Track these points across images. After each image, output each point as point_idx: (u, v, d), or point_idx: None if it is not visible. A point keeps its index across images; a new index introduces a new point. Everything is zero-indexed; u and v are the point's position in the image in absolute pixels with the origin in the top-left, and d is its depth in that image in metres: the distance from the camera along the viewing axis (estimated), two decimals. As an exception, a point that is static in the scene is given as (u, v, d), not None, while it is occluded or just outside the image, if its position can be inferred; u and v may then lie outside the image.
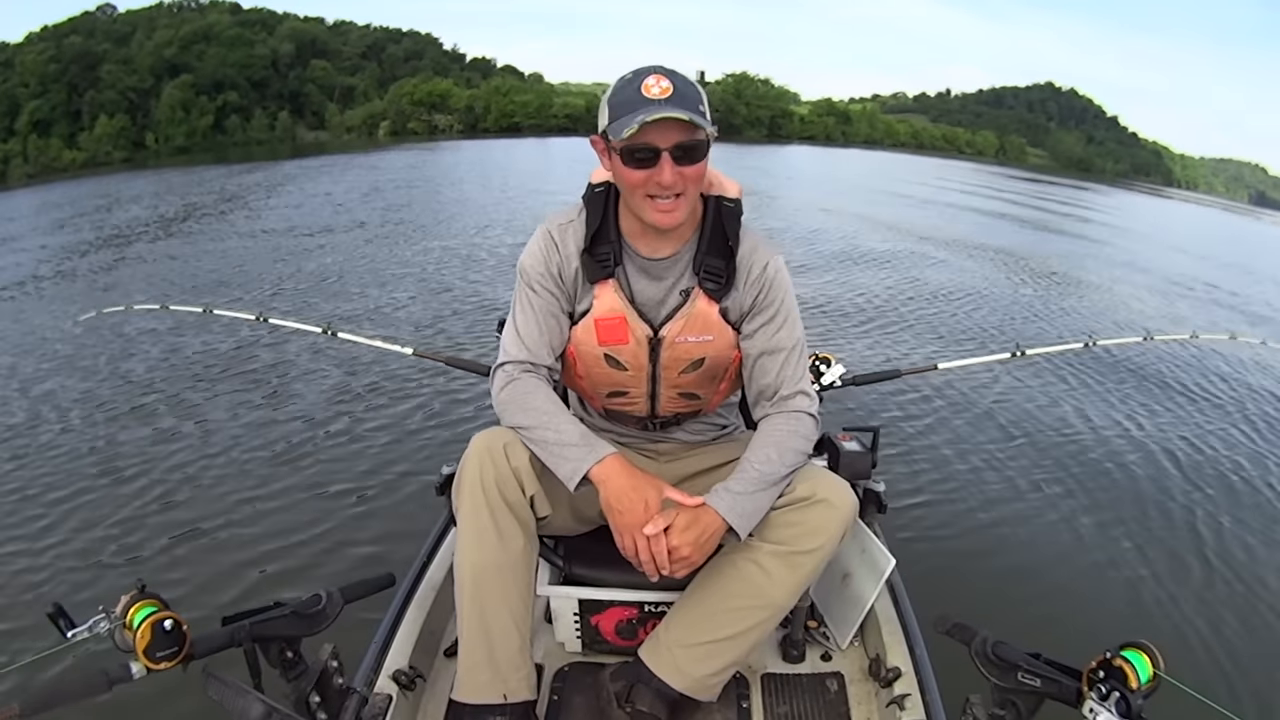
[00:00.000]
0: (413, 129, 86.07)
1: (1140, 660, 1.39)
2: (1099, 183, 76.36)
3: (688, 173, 1.62)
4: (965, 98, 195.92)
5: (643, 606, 2.04)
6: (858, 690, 2.10)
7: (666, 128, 1.55)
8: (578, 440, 1.69)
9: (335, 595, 1.66)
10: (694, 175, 1.64)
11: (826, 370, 2.86)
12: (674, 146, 1.58)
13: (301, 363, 6.78)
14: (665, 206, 1.64)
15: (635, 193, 1.66)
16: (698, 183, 1.68)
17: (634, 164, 1.61)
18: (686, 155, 1.60)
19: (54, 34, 75.54)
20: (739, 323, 1.85)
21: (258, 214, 17.49)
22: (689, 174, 1.62)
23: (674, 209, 1.65)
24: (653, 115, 1.52)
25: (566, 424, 1.72)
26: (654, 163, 1.59)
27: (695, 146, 1.60)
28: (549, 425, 1.71)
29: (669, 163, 1.58)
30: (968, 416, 5.91)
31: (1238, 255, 22.22)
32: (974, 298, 10.40)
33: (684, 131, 1.57)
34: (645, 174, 1.61)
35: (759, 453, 1.75)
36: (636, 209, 1.69)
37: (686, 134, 1.57)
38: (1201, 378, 7.35)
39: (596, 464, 1.66)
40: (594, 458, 1.66)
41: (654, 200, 1.64)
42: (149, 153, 67.65)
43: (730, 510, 1.66)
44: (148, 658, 1.36)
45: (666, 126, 1.55)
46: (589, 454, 1.67)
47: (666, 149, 1.57)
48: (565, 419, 1.73)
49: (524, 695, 1.76)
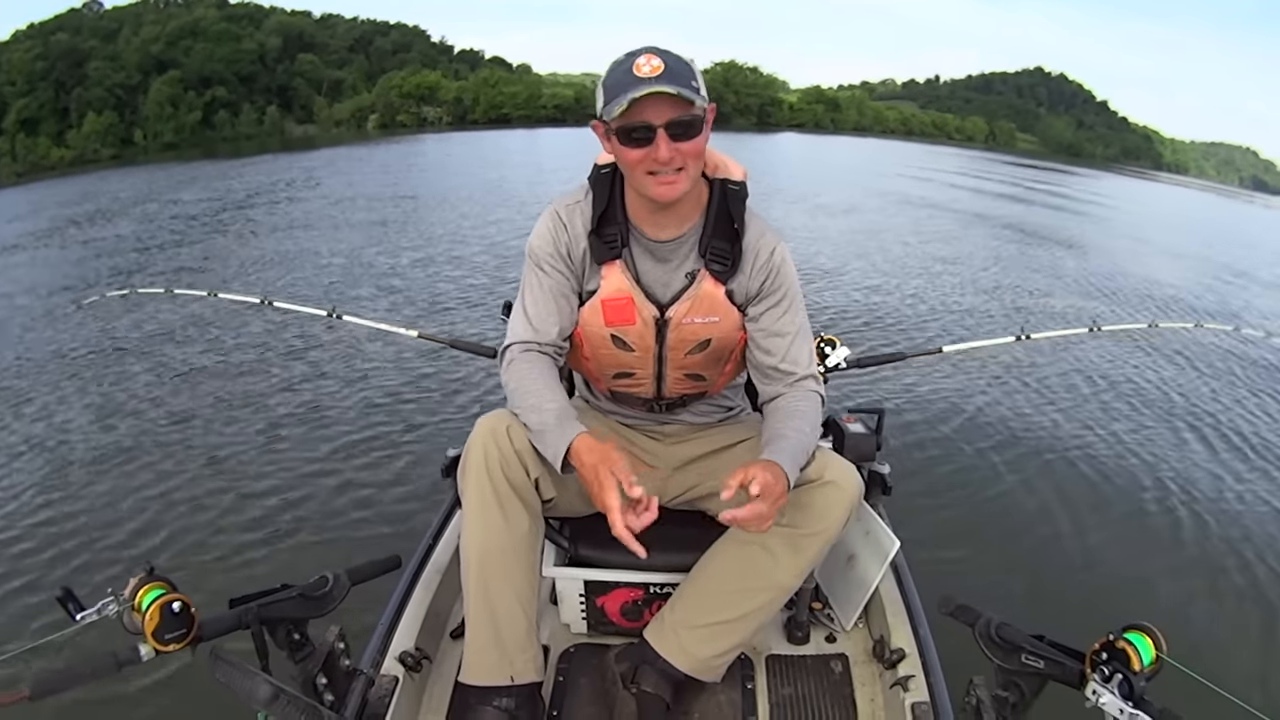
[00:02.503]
0: (401, 121, 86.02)
1: (1143, 642, 1.40)
2: (1089, 167, 76.35)
3: (685, 148, 1.61)
4: (955, 84, 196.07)
5: (648, 588, 2.04)
6: (862, 672, 2.11)
7: (660, 104, 1.55)
8: (553, 424, 1.67)
9: (342, 577, 1.67)
10: (692, 150, 1.63)
11: (832, 353, 2.85)
12: (669, 122, 1.57)
13: (307, 346, 6.82)
14: (667, 179, 1.64)
15: (636, 171, 1.65)
16: (697, 158, 1.67)
17: (631, 143, 1.61)
18: (683, 131, 1.59)
19: (41, 31, 75.04)
20: (745, 305, 1.85)
21: (257, 205, 17.55)
22: (686, 149, 1.61)
23: (675, 181, 1.64)
24: (641, 91, 1.52)
25: (550, 405, 1.70)
26: (650, 140, 1.59)
27: (690, 122, 1.59)
28: (535, 407, 1.70)
29: (665, 139, 1.58)
30: (972, 399, 5.93)
31: (1229, 240, 22.26)
32: (975, 281, 10.49)
33: (677, 108, 1.56)
34: (643, 152, 1.60)
35: (791, 422, 1.73)
36: (639, 186, 1.69)
37: (680, 110, 1.57)
38: (1206, 365, 7.35)
39: (569, 448, 1.63)
40: (566, 441, 1.64)
41: (655, 176, 1.64)
42: (138, 149, 67.11)
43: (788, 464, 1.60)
44: (156, 640, 1.37)
45: (660, 103, 1.55)
46: (561, 438, 1.65)
47: (661, 125, 1.57)
48: (549, 398, 1.71)
49: (530, 677, 1.76)
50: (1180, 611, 3.60)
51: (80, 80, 72.04)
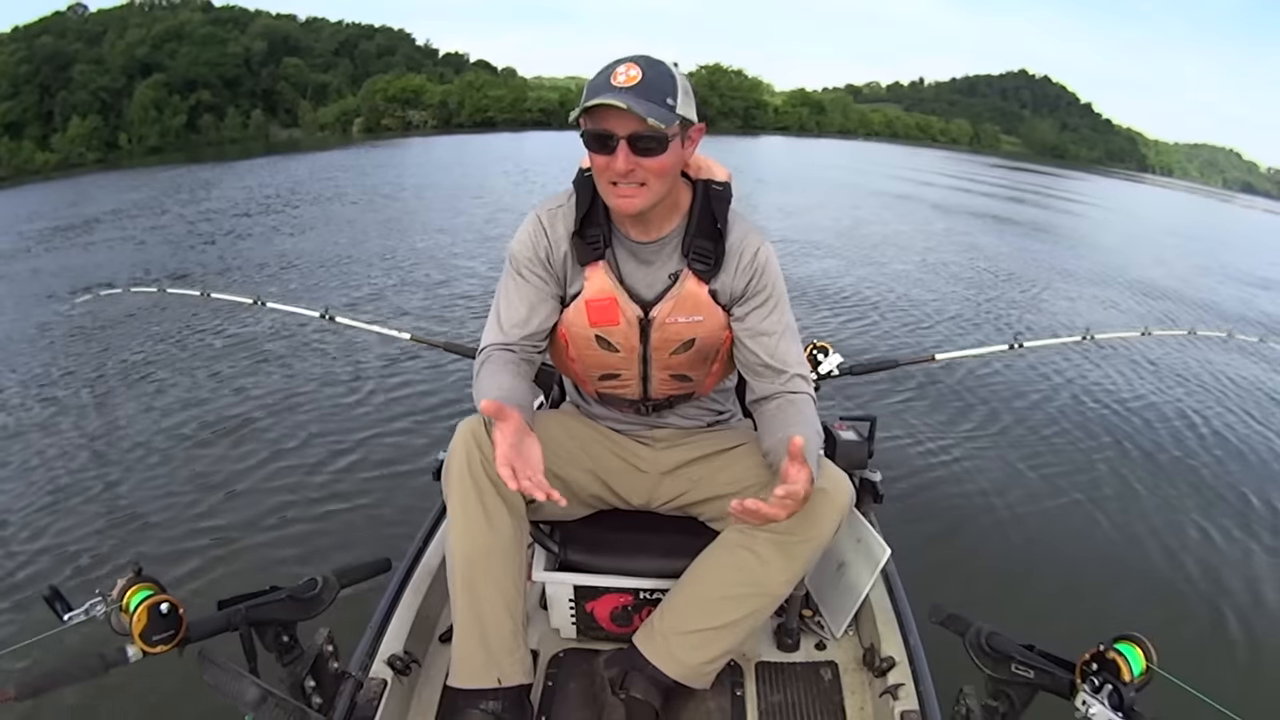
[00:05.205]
0: (386, 125, 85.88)
1: (1133, 653, 1.40)
2: (1074, 169, 76.70)
3: (648, 164, 1.59)
4: (939, 86, 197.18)
5: (638, 593, 2.04)
6: (852, 680, 2.10)
7: (624, 116, 1.53)
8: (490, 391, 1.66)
9: (331, 580, 1.67)
10: (655, 167, 1.60)
11: (824, 359, 2.85)
12: (631, 135, 1.56)
13: (298, 347, 6.79)
14: (624, 192, 1.63)
15: (599, 177, 1.65)
16: (661, 176, 1.64)
17: (594, 148, 1.61)
18: (645, 146, 1.57)
19: (25, 34, 74.71)
20: (729, 305, 1.84)
21: (243, 208, 17.42)
22: (649, 165, 1.59)
23: (634, 195, 1.63)
24: (600, 100, 1.51)
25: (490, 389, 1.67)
26: (612, 149, 1.58)
27: (653, 138, 1.57)
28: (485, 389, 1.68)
29: (625, 150, 1.57)
30: (965, 408, 5.92)
31: (1225, 245, 22.40)
32: (967, 286, 10.50)
33: (641, 123, 1.54)
34: (604, 159, 1.60)
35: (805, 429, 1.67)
36: (601, 192, 1.69)
37: (643, 126, 1.54)
38: (1199, 373, 7.33)
39: None
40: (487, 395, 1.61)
41: (615, 186, 1.63)
42: (122, 153, 66.99)
43: None
44: (144, 641, 1.37)
45: (624, 115, 1.53)
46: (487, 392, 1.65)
47: (623, 136, 1.56)
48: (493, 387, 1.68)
49: (518, 680, 1.76)
50: (1171, 622, 3.59)
51: (65, 84, 71.84)
